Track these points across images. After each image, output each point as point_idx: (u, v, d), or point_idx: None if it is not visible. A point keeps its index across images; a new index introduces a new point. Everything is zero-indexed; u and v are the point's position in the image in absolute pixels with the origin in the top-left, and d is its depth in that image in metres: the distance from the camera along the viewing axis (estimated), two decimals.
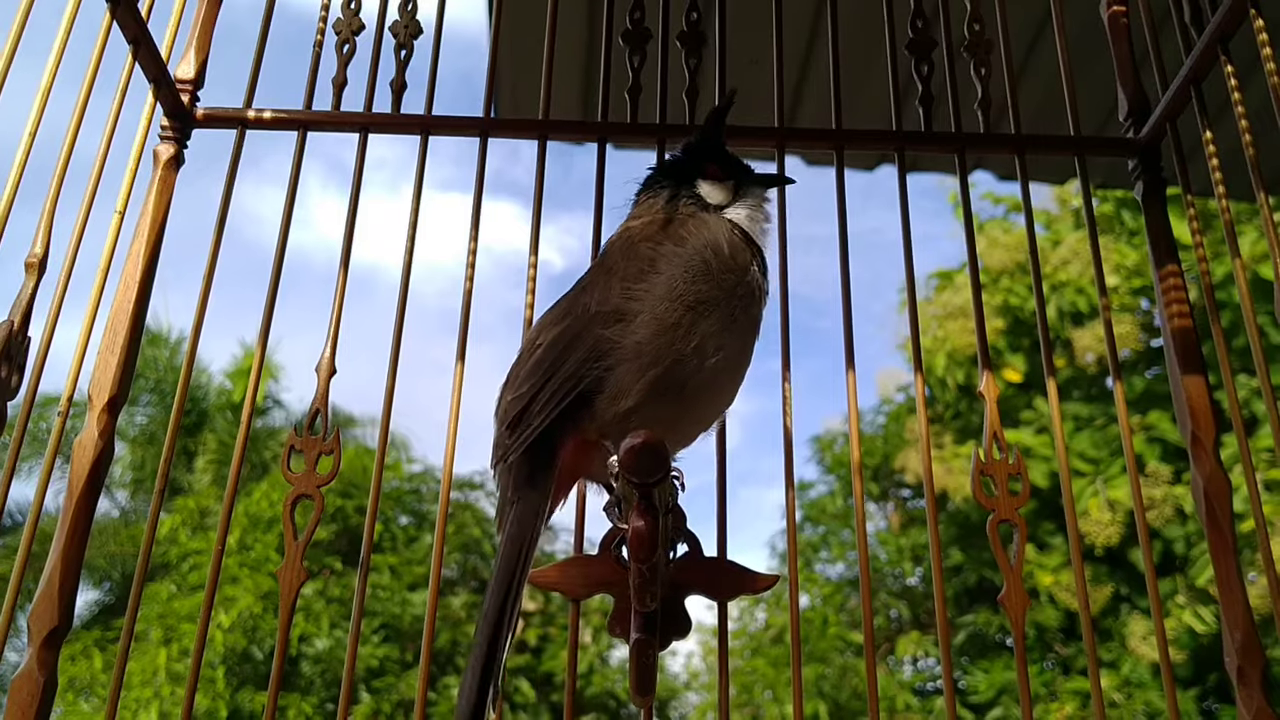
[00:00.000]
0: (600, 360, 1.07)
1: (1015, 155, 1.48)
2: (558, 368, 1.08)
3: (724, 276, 1.14)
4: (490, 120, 1.47)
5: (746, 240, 1.23)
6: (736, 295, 1.14)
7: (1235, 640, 1.18)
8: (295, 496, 1.23)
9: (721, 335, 1.11)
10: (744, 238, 1.23)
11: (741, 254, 1.19)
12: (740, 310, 1.15)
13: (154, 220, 1.33)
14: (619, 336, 1.08)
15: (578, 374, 1.07)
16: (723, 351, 1.11)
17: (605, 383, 1.07)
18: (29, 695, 1.07)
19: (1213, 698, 8.20)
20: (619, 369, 1.07)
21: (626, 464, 0.86)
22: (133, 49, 1.26)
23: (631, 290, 1.11)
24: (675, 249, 1.15)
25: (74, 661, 10.20)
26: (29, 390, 1.06)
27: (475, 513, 12.31)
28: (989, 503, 1.25)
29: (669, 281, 1.12)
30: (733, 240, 1.20)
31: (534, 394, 1.08)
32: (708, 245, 1.16)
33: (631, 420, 1.05)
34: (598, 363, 1.07)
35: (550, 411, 1.06)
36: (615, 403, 1.06)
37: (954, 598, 10.04)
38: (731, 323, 1.13)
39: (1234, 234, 1.25)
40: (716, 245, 1.17)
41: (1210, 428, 1.28)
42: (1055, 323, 8.97)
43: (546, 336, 1.13)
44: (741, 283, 1.16)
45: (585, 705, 11.35)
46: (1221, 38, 1.28)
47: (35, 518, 1.08)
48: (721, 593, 1.19)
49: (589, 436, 1.09)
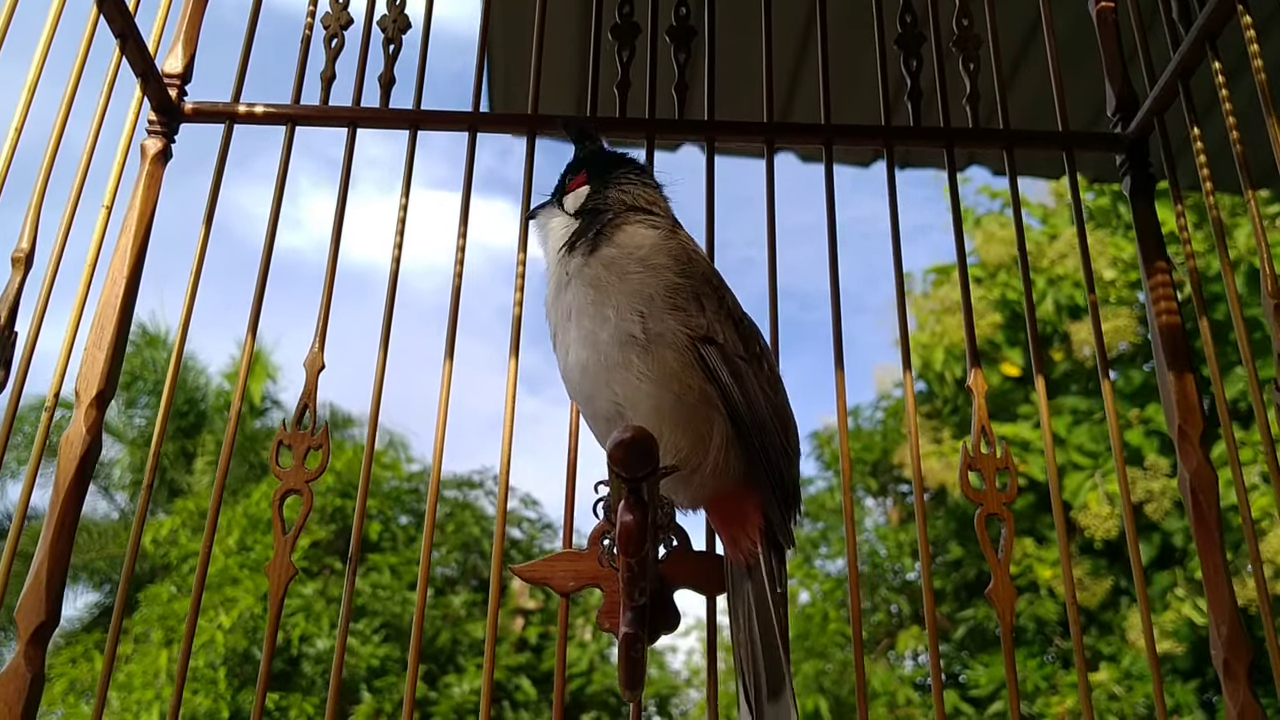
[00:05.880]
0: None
1: (1004, 151, 1.48)
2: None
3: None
4: (479, 115, 1.47)
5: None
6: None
7: (1221, 634, 1.18)
8: (284, 492, 1.23)
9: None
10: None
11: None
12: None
13: (141, 215, 1.33)
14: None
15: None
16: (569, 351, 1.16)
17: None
18: (16, 691, 1.07)
19: (1213, 690, 8.19)
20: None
21: (615, 458, 0.86)
22: (120, 43, 1.26)
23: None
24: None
25: (75, 664, 10.22)
26: (15, 387, 1.05)
27: (474, 511, 12.33)
28: (977, 497, 1.25)
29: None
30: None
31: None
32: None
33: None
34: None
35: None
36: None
37: (953, 592, 10.03)
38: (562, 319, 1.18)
39: (1223, 231, 1.25)
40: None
41: (1197, 423, 1.28)
42: (1053, 316, 8.94)
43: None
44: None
45: (586, 703, 11.36)
46: (1209, 34, 1.28)
47: (21, 515, 1.08)
48: (710, 587, 1.19)
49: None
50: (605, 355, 1.09)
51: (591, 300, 1.12)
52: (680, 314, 1.10)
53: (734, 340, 1.12)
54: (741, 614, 1.08)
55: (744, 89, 1.65)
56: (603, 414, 1.13)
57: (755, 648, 1.05)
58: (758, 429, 1.09)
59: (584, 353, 1.12)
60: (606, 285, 1.12)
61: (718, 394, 1.08)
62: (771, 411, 1.11)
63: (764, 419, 1.10)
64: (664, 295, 1.10)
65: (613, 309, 1.10)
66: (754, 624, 1.07)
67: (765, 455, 1.09)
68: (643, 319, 1.08)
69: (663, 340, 1.08)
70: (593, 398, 1.13)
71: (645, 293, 1.10)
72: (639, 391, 1.07)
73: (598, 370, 1.10)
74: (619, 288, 1.11)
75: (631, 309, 1.09)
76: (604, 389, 1.10)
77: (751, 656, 1.05)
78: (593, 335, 1.11)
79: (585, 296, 1.13)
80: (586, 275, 1.14)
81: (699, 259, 1.20)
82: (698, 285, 1.13)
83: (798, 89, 2.28)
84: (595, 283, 1.13)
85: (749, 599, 1.08)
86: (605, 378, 1.10)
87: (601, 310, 1.11)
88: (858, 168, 2.60)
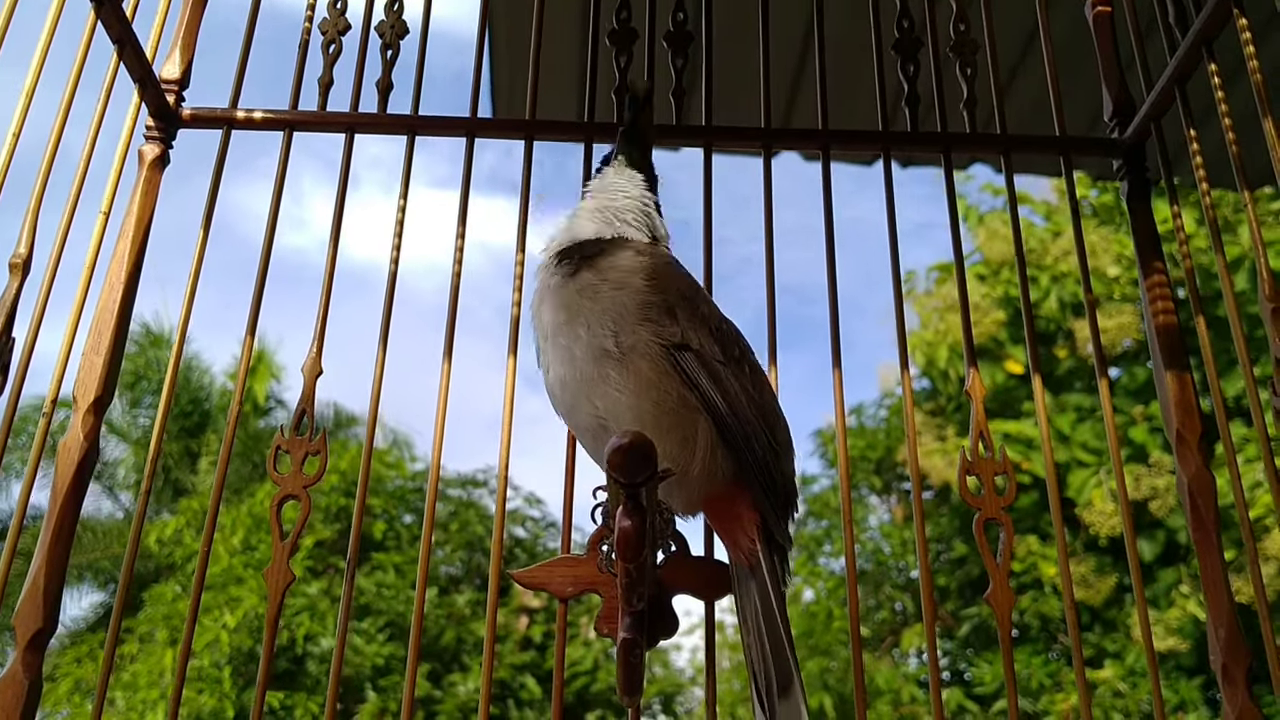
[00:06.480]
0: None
1: (1001, 155, 1.48)
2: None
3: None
4: (477, 121, 1.47)
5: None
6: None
7: (1220, 638, 1.18)
8: (282, 497, 1.23)
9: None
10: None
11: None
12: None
13: (139, 221, 1.33)
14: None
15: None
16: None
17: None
18: (14, 698, 1.07)
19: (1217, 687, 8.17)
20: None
21: (613, 464, 0.87)
22: (117, 49, 1.26)
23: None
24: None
25: (79, 664, 10.23)
26: (13, 392, 1.06)
27: (478, 510, 12.33)
28: (975, 501, 1.25)
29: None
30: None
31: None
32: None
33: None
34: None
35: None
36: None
37: (958, 589, 10.03)
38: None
39: (1219, 235, 1.25)
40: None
41: (1195, 426, 1.28)
42: (1056, 313, 8.92)
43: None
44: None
45: (590, 701, 11.37)
46: (1205, 39, 1.28)
47: (19, 521, 1.09)
48: (709, 592, 1.19)
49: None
50: (582, 370, 1.11)
51: (565, 320, 1.15)
52: (652, 325, 1.12)
53: (711, 345, 1.14)
54: (749, 614, 1.10)
55: (742, 94, 1.65)
56: (585, 426, 1.14)
57: (764, 646, 1.07)
58: (742, 429, 1.10)
59: (562, 369, 1.14)
60: (577, 307, 1.14)
61: (697, 399, 1.10)
62: (756, 412, 1.13)
63: (748, 419, 1.11)
64: (635, 309, 1.12)
65: (584, 327, 1.12)
66: (761, 623, 1.08)
67: (752, 455, 1.10)
68: (615, 333, 1.11)
69: (636, 351, 1.10)
70: (575, 412, 1.15)
71: (615, 310, 1.12)
72: (619, 404, 1.09)
73: (577, 385, 1.12)
74: (590, 308, 1.13)
75: (603, 325, 1.11)
76: (584, 402, 1.12)
77: (761, 656, 1.07)
78: (568, 351, 1.13)
79: (559, 316, 1.16)
80: (560, 297, 1.17)
81: (672, 272, 1.21)
82: (670, 298, 1.15)
83: (796, 94, 2.27)
84: (567, 305, 1.15)
85: (754, 598, 1.10)
86: (585, 391, 1.12)
87: (574, 329, 1.13)
88: (860, 166, 2.60)
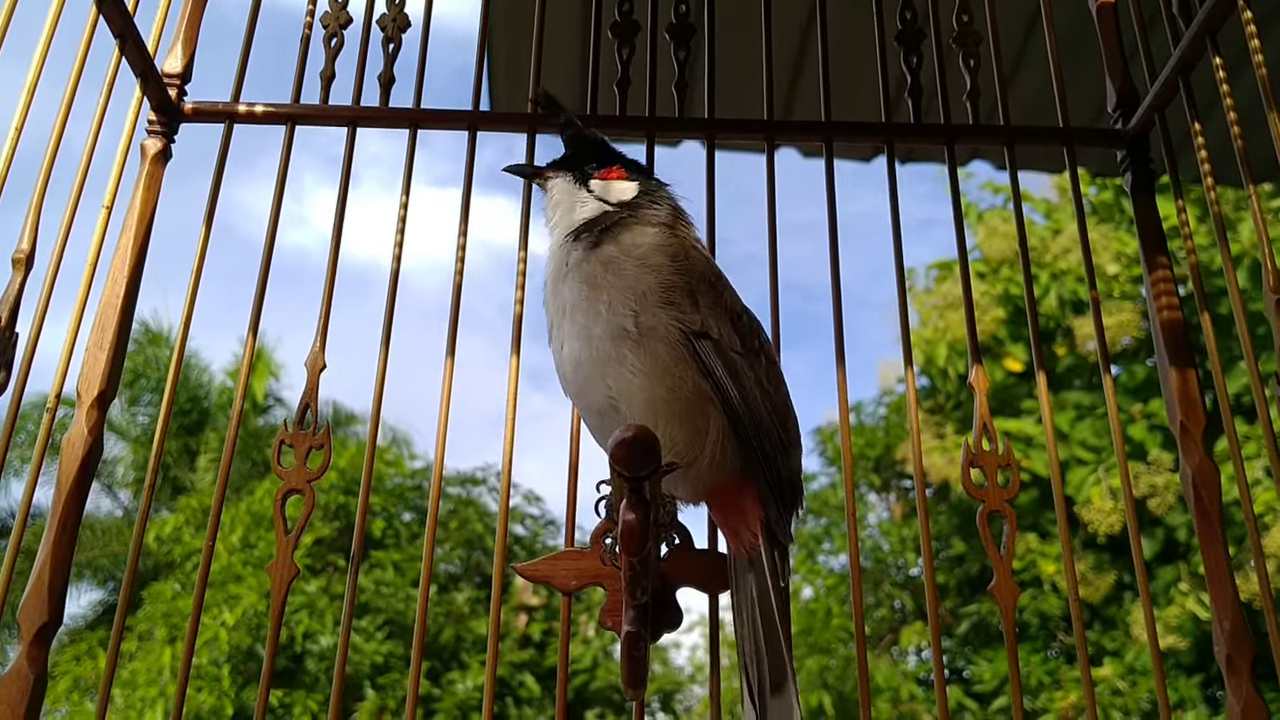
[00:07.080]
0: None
1: (1005, 146, 1.48)
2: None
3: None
4: (479, 114, 1.47)
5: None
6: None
7: (1224, 629, 1.18)
8: (285, 491, 1.23)
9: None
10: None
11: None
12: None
13: (142, 215, 1.33)
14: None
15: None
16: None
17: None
18: (19, 692, 1.07)
19: (1216, 685, 8.18)
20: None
21: (617, 457, 0.86)
22: (119, 43, 1.26)
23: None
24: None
25: (79, 661, 10.23)
26: (16, 387, 1.05)
27: (478, 508, 12.33)
28: (979, 494, 1.25)
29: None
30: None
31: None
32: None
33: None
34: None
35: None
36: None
37: (956, 587, 10.03)
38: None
39: (1223, 227, 1.24)
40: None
41: (1199, 419, 1.27)
42: (1056, 311, 8.93)
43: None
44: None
45: (590, 699, 11.37)
46: (1209, 29, 1.27)
47: (24, 515, 1.08)
48: (712, 585, 1.19)
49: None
50: (598, 349, 1.10)
51: (585, 296, 1.13)
52: (673, 309, 1.10)
53: (730, 335, 1.12)
54: (745, 608, 1.09)
55: (744, 86, 1.65)
56: (596, 408, 1.13)
57: (758, 642, 1.06)
58: (753, 423, 1.09)
59: (578, 346, 1.12)
60: (601, 282, 1.13)
61: (712, 388, 1.09)
62: (769, 406, 1.12)
63: (760, 413, 1.10)
64: (658, 291, 1.11)
65: (605, 304, 1.11)
66: (756, 618, 1.07)
67: (761, 449, 1.09)
68: (635, 314, 1.09)
69: (655, 334, 1.08)
70: (586, 391, 1.13)
71: (639, 289, 1.11)
72: (632, 385, 1.08)
73: (591, 364, 1.11)
74: (613, 284, 1.12)
75: (624, 304, 1.10)
76: (598, 383, 1.11)
77: (754, 651, 1.06)
78: (586, 330, 1.11)
79: (580, 292, 1.14)
80: (584, 271, 1.15)
81: (697, 256, 1.20)
82: (693, 282, 1.13)
83: (798, 86, 2.27)
84: (590, 279, 1.14)
85: (751, 592, 1.09)
86: (600, 371, 1.10)
87: (594, 305, 1.11)
88: (860, 163, 2.60)
